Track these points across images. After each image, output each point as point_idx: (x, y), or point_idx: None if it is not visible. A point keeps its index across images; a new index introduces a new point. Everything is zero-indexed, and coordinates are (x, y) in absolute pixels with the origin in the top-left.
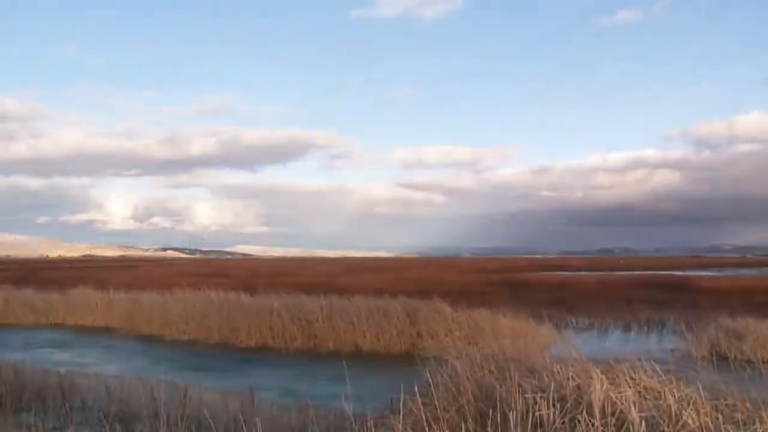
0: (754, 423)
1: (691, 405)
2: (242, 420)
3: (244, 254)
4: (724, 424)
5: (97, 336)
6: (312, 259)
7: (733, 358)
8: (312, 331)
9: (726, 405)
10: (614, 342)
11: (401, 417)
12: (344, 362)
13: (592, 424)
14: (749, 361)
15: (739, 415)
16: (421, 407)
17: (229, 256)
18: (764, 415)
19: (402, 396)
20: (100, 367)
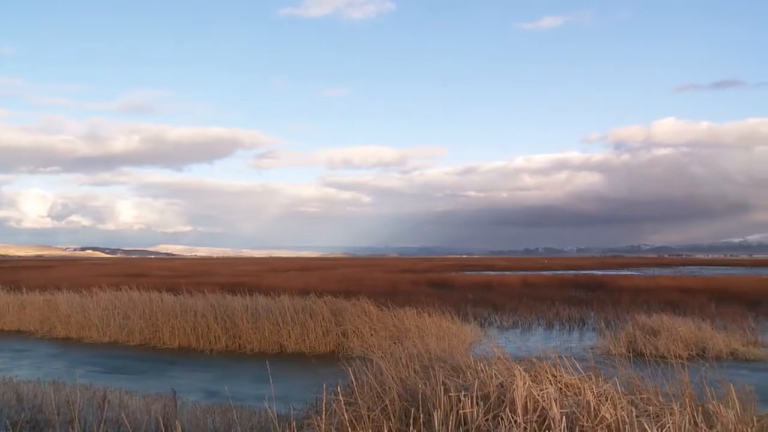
0: (665, 415)
1: (608, 400)
2: (163, 423)
3: (167, 254)
4: (638, 417)
5: (8, 340)
6: (237, 259)
7: (648, 354)
8: (236, 331)
9: (641, 399)
10: (537, 340)
11: (324, 417)
12: (267, 363)
13: (515, 421)
14: (663, 357)
15: (652, 408)
16: (345, 407)
17: (153, 256)
18: (675, 407)
19: (325, 396)
20: (9, 373)
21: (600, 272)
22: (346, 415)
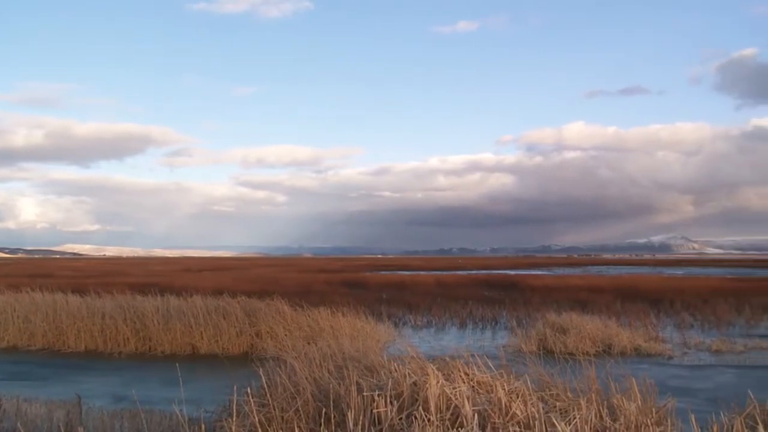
0: (573, 410)
1: (519, 397)
2: (66, 431)
3: (74, 254)
4: (547, 412)
5: None
6: (148, 259)
7: (558, 351)
8: (147, 333)
9: (550, 395)
10: (450, 339)
11: (234, 419)
12: (178, 365)
13: (428, 420)
14: (571, 354)
15: (561, 404)
16: (255, 409)
17: (58, 256)
18: (582, 402)
19: (236, 398)
20: None
21: (512, 272)
22: (257, 416)
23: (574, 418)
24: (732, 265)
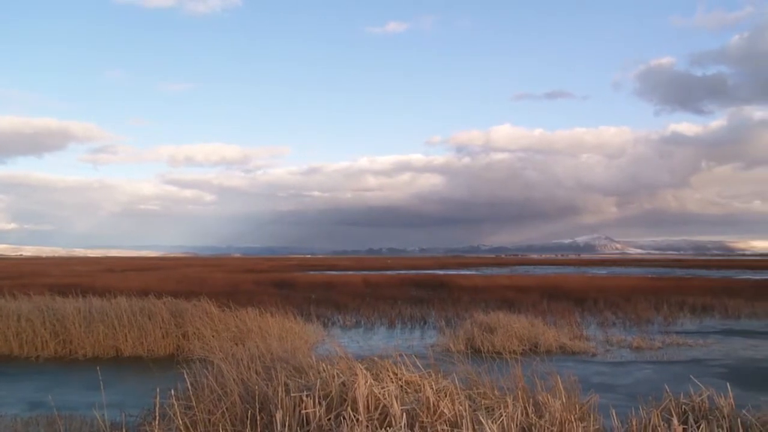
0: (500, 408)
1: (447, 395)
2: None
3: None
4: (475, 411)
5: None
6: (69, 259)
7: (485, 350)
8: (67, 336)
9: (478, 393)
10: (379, 339)
11: (158, 423)
12: (98, 368)
13: (357, 420)
14: (498, 353)
15: (488, 402)
16: (180, 411)
17: None
18: (509, 400)
19: (160, 400)
20: None
21: (441, 272)
22: (181, 419)
23: (501, 416)
24: (651, 265)
